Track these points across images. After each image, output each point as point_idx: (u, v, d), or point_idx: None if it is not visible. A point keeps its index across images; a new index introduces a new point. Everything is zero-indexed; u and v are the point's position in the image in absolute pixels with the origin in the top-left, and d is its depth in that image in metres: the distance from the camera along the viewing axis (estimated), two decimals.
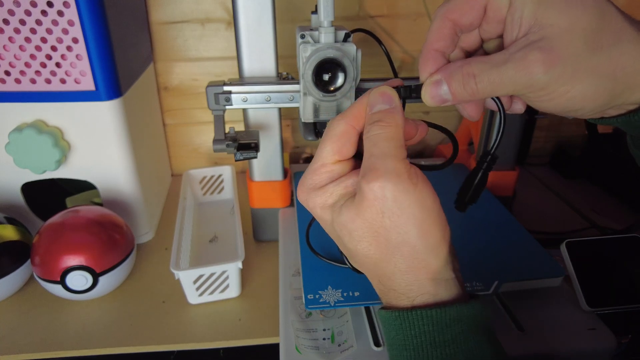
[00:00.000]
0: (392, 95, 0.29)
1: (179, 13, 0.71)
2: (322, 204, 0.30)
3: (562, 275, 0.46)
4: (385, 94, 0.29)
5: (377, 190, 0.27)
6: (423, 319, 0.27)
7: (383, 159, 0.27)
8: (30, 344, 0.48)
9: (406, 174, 0.27)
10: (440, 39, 0.29)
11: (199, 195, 0.72)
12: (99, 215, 0.53)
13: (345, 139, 0.30)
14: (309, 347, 0.42)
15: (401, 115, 0.29)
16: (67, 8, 0.47)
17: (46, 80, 0.51)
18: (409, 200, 0.27)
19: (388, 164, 0.27)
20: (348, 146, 0.30)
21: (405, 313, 0.28)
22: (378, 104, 0.29)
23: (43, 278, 0.49)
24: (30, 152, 0.52)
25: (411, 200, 0.27)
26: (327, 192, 0.30)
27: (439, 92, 0.28)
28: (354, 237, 0.28)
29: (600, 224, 0.67)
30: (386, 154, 0.27)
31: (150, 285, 0.56)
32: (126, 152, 0.57)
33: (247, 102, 0.50)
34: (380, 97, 0.29)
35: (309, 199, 0.30)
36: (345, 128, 0.30)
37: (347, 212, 0.28)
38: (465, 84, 0.27)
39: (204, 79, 0.76)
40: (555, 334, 0.43)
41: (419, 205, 0.27)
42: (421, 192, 0.27)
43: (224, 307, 0.52)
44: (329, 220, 0.30)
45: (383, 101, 0.29)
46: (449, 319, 0.27)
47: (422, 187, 0.27)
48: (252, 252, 0.61)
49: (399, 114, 0.29)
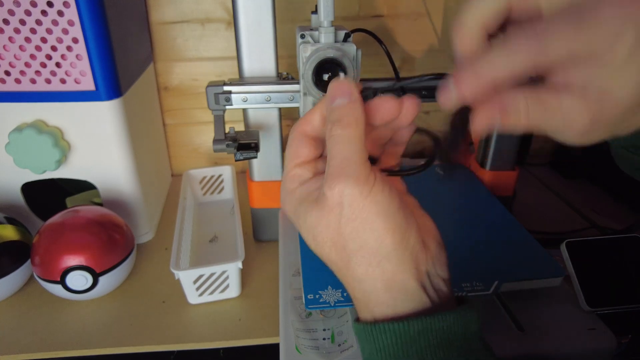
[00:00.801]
0: (350, 88, 0.28)
1: (179, 13, 0.71)
2: (290, 208, 0.30)
3: (562, 275, 0.46)
4: (341, 87, 0.28)
5: (336, 196, 0.26)
6: (382, 333, 0.26)
7: (341, 164, 0.27)
8: (30, 344, 0.48)
9: (363, 178, 0.26)
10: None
11: (199, 195, 0.72)
12: (99, 215, 0.53)
13: (298, 141, 0.30)
14: (309, 347, 0.42)
15: (360, 111, 0.28)
16: (67, 8, 0.47)
17: (46, 80, 0.51)
18: (363, 205, 0.26)
19: (346, 169, 0.26)
20: (302, 149, 0.30)
21: (365, 326, 0.27)
22: (337, 98, 0.28)
23: (43, 278, 0.49)
24: (30, 152, 0.52)
25: (365, 204, 0.26)
26: (294, 196, 0.30)
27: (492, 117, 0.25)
28: (318, 242, 0.28)
29: (600, 224, 0.67)
30: (345, 157, 0.27)
31: (150, 285, 0.56)
32: (126, 152, 0.57)
33: (247, 102, 0.50)
34: (337, 89, 0.28)
35: (284, 203, 0.31)
36: (296, 132, 0.30)
37: (310, 217, 0.28)
38: (531, 113, 0.24)
39: (204, 79, 0.76)
40: (555, 334, 0.43)
41: (373, 210, 0.26)
42: (375, 195, 0.26)
43: (224, 307, 0.52)
44: (298, 224, 0.30)
45: (341, 94, 0.28)
46: (412, 332, 0.26)
47: (377, 190, 0.27)
48: (252, 252, 0.61)
49: (358, 110, 0.28)
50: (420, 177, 0.68)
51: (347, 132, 0.27)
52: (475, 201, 0.60)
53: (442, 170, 0.64)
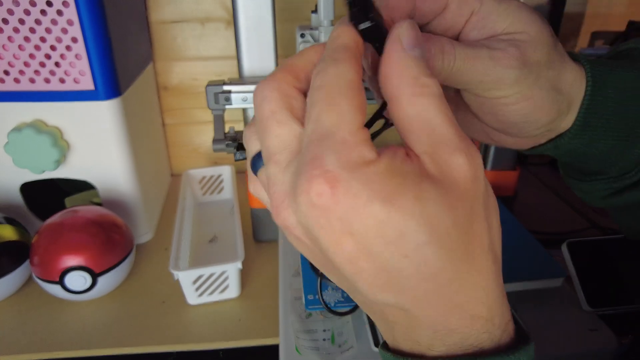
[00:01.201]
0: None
1: (179, 12, 0.71)
2: (385, 188, 0.18)
3: (563, 276, 0.46)
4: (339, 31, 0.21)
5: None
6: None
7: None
8: (29, 345, 0.47)
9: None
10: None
11: (199, 195, 0.72)
12: (98, 215, 0.52)
13: (359, 84, 0.20)
14: (309, 348, 0.42)
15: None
16: (67, 7, 0.47)
17: (45, 79, 0.51)
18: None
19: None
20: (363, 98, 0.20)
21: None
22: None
23: (42, 278, 0.49)
24: (29, 152, 0.52)
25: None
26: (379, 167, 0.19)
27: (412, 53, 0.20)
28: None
29: (601, 224, 0.67)
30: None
31: (150, 285, 0.56)
32: (125, 152, 0.56)
33: (247, 101, 0.50)
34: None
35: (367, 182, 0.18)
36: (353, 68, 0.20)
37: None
38: (445, 55, 0.23)
39: (203, 78, 0.76)
40: (556, 335, 0.43)
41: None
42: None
43: (224, 307, 0.52)
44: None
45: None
46: None
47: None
48: (251, 252, 0.61)
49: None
50: None
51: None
52: None
53: None
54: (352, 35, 0.21)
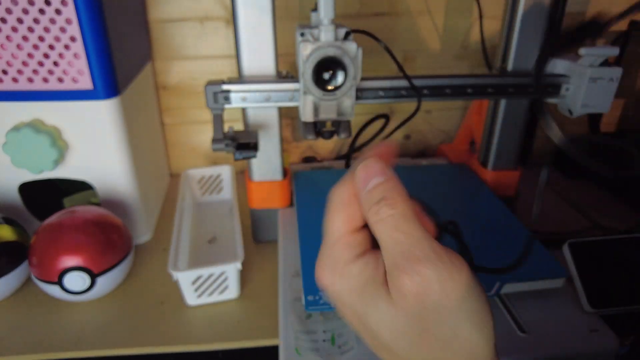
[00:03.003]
0: (382, 167, 0.26)
1: (178, 11, 0.71)
2: (350, 288, 0.25)
3: (564, 276, 0.46)
4: (371, 168, 0.26)
5: (420, 285, 0.23)
6: None
7: (418, 244, 0.23)
8: (27, 346, 0.47)
9: (448, 261, 0.23)
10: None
11: (198, 195, 0.72)
12: (96, 215, 0.52)
13: (355, 204, 0.26)
14: (309, 349, 0.42)
15: (402, 187, 0.25)
16: (65, 6, 0.47)
17: (44, 79, 0.50)
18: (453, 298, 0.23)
19: (426, 250, 0.23)
20: (358, 213, 0.27)
21: None
22: (371, 180, 0.26)
23: (40, 279, 0.49)
24: (28, 152, 0.52)
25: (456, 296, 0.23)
26: (353, 272, 0.25)
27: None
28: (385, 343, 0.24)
29: (603, 224, 0.66)
30: (413, 236, 0.24)
31: (149, 286, 0.56)
32: (124, 151, 0.56)
33: (247, 101, 0.50)
34: (367, 172, 0.26)
35: (335, 281, 0.26)
36: (349, 193, 0.27)
37: (379, 311, 0.24)
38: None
39: (202, 77, 0.76)
40: (557, 336, 0.43)
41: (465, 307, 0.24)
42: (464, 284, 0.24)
43: (223, 308, 0.52)
44: (356, 309, 0.25)
45: (375, 175, 0.26)
46: None
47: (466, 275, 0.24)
48: (251, 252, 0.61)
49: (399, 185, 0.25)
50: (421, 177, 0.68)
51: (400, 209, 0.24)
52: (477, 201, 0.60)
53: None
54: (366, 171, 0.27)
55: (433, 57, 0.77)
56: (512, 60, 0.56)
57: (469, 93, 0.53)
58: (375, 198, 0.25)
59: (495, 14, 0.65)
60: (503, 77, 0.54)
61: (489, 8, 0.66)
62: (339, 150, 0.84)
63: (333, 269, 0.26)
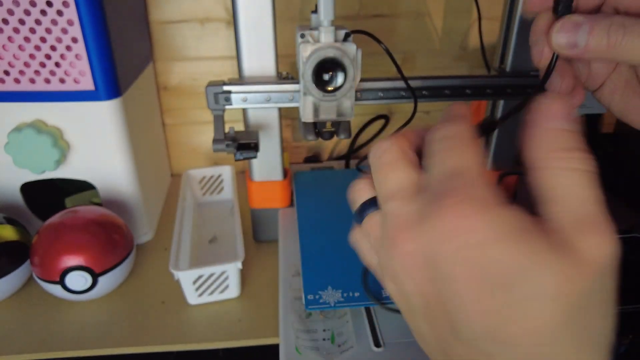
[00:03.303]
0: (573, 115, 0.22)
1: (179, 12, 0.71)
2: (502, 232, 0.20)
3: None
4: (561, 109, 0.22)
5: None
6: None
7: (604, 213, 0.21)
8: (29, 345, 0.47)
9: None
10: None
11: (199, 195, 0.72)
12: (98, 215, 0.52)
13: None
14: (309, 348, 0.42)
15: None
16: (67, 8, 0.47)
17: (45, 80, 0.51)
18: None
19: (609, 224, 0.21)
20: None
21: None
22: (558, 121, 0.22)
23: (42, 278, 0.49)
24: (30, 152, 0.52)
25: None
26: (506, 215, 0.20)
27: (574, 35, 0.24)
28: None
29: None
30: (603, 207, 0.21)
31: (150, 285, 0.56)
32: (126, 152, 0.57)
33: (247, 101, 0.50)
34: (555, 110, 0.22)
35: (478, 227, 0.20)
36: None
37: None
38: (612, 33, 0.23)
39: (203, 78, 0.76)
40: None
41: None
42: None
43: (224, 307, 0.52)
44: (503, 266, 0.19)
45: (564, 119, 0.22)
46: None
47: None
48: (251, 252, 0.61)
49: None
50: None
51: (592, 169, 0.21)
52: None
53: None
54: (464, 108, 0.25)
55: (432, 58, 0.77)
56: (510, 61, 0.56)
57: (467, 94, 0.53)
58: (566, 142, 0.22)
59: (494, 15, 0.65)
60: (501, 77, 0.54)
61: (487, 9, 0.66)
62: (339, 150, 0.85)
63: (478, 209, 0.19)
